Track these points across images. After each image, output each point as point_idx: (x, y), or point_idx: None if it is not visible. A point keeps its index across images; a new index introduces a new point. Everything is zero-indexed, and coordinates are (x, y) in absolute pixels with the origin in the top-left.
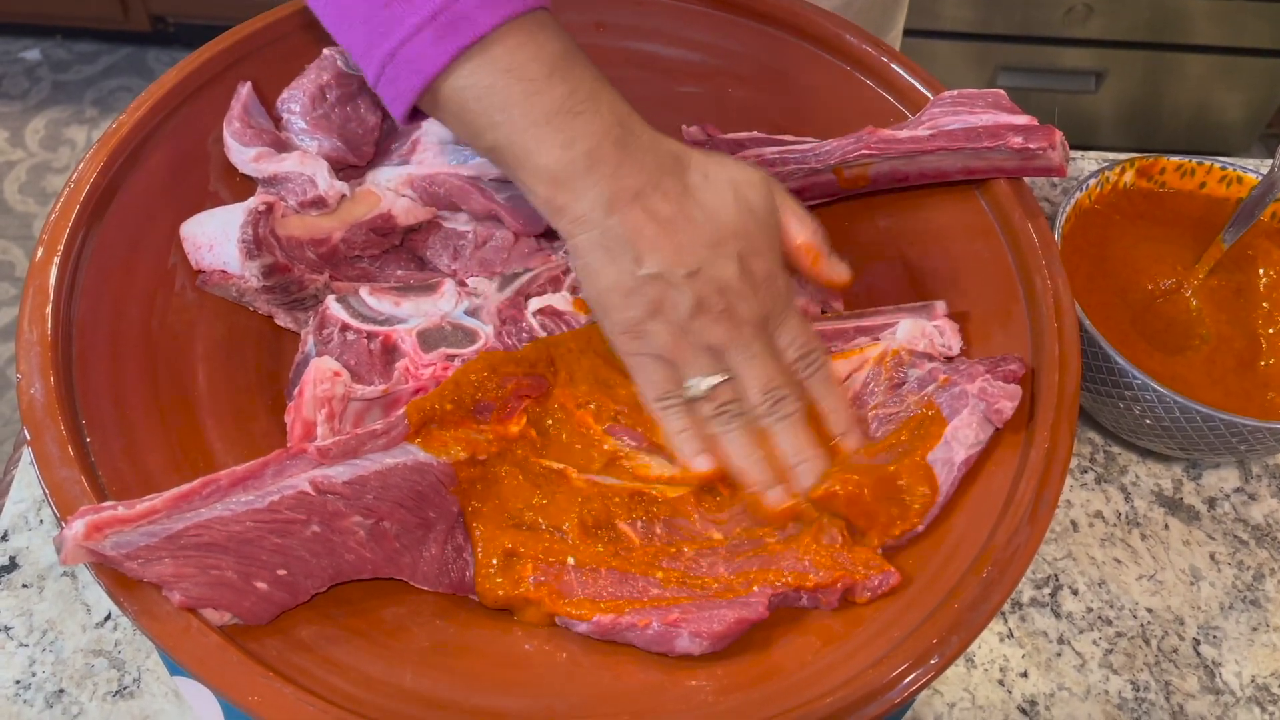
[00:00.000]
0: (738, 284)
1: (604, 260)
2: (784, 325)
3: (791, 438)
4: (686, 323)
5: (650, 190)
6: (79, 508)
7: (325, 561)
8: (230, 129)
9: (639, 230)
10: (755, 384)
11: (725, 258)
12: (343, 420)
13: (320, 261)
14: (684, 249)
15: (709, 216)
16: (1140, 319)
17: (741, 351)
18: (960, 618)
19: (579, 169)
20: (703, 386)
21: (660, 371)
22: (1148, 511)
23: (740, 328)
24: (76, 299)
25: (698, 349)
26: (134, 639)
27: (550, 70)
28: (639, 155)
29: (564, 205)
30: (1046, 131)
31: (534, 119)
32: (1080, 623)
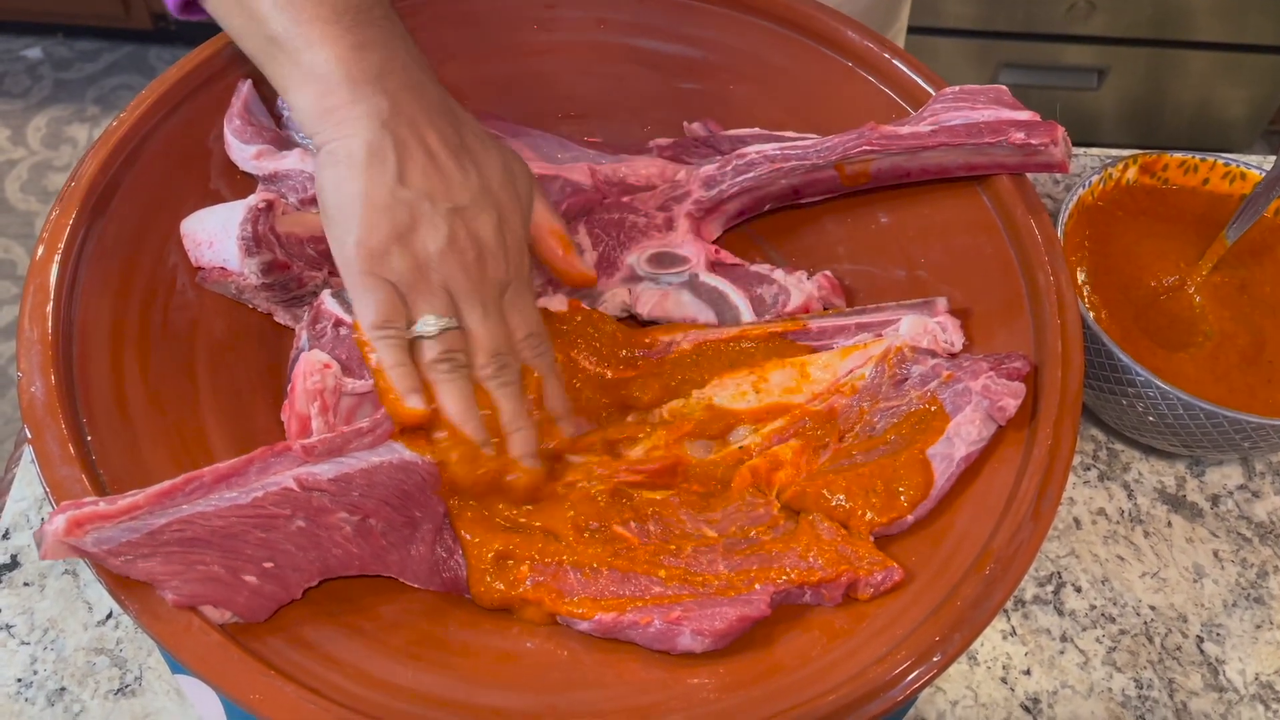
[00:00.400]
0: (492, 240)
1: (361, 168)
2: (520, 300)
3: (512, 403)
4: (433, 257)
5: (428, 124)
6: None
7: (312, 555)
8: (231, 126)
9: (409, 151)
10: (486, 342)
11: (486, 210)
12: (336, 414)
13: (319, 258)
14: (453, 184)
15: (478, 169)
16: (1143, 316)
17: (478, 307)
18: (963, 615)
19: (365, 75)
20: (435, 327)
21: (388, 298)
22: (1151, 509)
23: (484, 284)
24: (77, 297)
25: (436, 287)
26: (135, 637)
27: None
28: (425, 89)
29: (334, 107)
30: (1049, 127)
31: (324, 14)
32: (1083, 620)
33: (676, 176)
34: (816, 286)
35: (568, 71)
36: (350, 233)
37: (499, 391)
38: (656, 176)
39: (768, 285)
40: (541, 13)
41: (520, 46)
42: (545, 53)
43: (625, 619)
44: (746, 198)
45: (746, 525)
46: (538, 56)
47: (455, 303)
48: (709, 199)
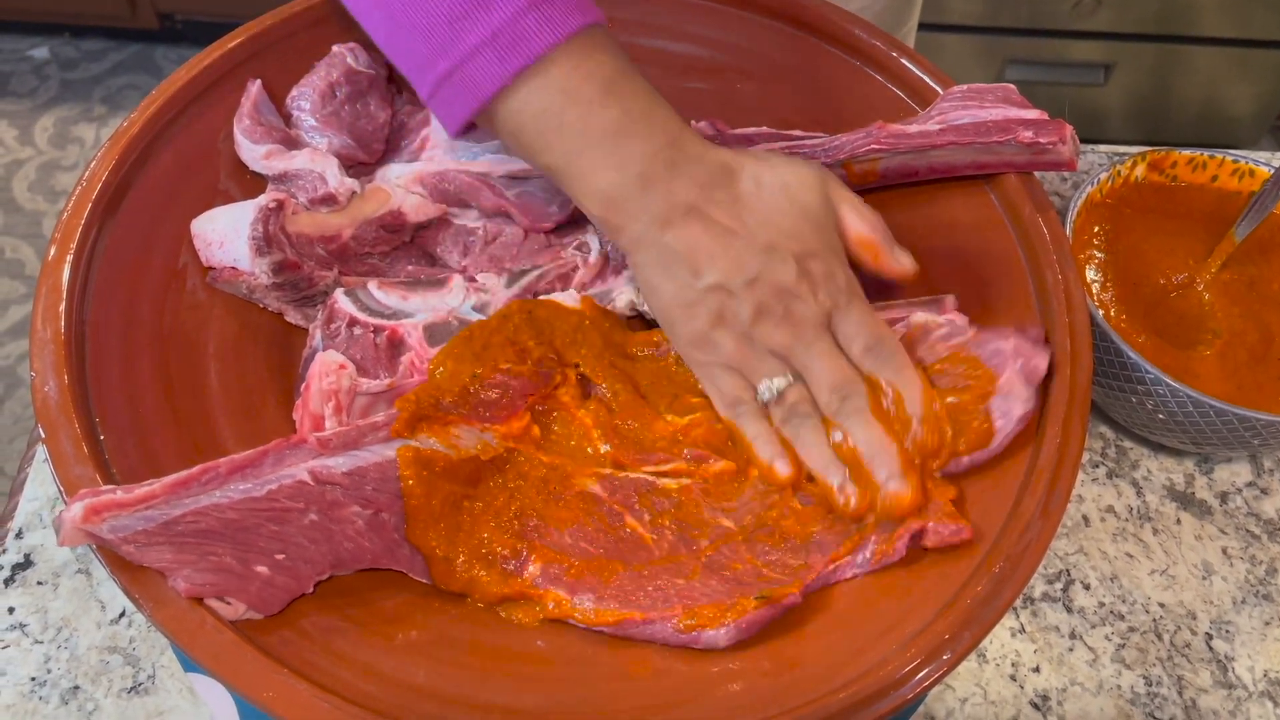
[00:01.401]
0: (795, 286)
1: (663, 277)
2: (847, 319)
3: (863, 430)
4: (749, 329)
5: (703, 203)
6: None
7: (324, 548)
8: (240, 126)
9: (695, 244)
10: (822, 382)
11: (781, 261)
12: (350, 414)
13: (330, 258)
14: (740, 258)
15: (762, 222)
16: (1152, 313)
17: (805, 352)
18: (972, 613)
19: (632, 191)
20: (772, 390)
21: (729, 380)
22: (1160, 506)
23: (802, 329)
24: (89, 297)
25: (762, 354)
26: (149, 635)
27: (605, 91)
28: (690, 170)
29: (620, 226)
30: (1056, 126)
31: (588, 142)
32: (1092, 618)
33: None
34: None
35: None
36: (679, 335)
37: (847, 423)
38: None
39: None
40: None
41: None
42: None
43: (648, 617)
44: None
45: (762, 512)
46: None
47: (785, 359)
48: None
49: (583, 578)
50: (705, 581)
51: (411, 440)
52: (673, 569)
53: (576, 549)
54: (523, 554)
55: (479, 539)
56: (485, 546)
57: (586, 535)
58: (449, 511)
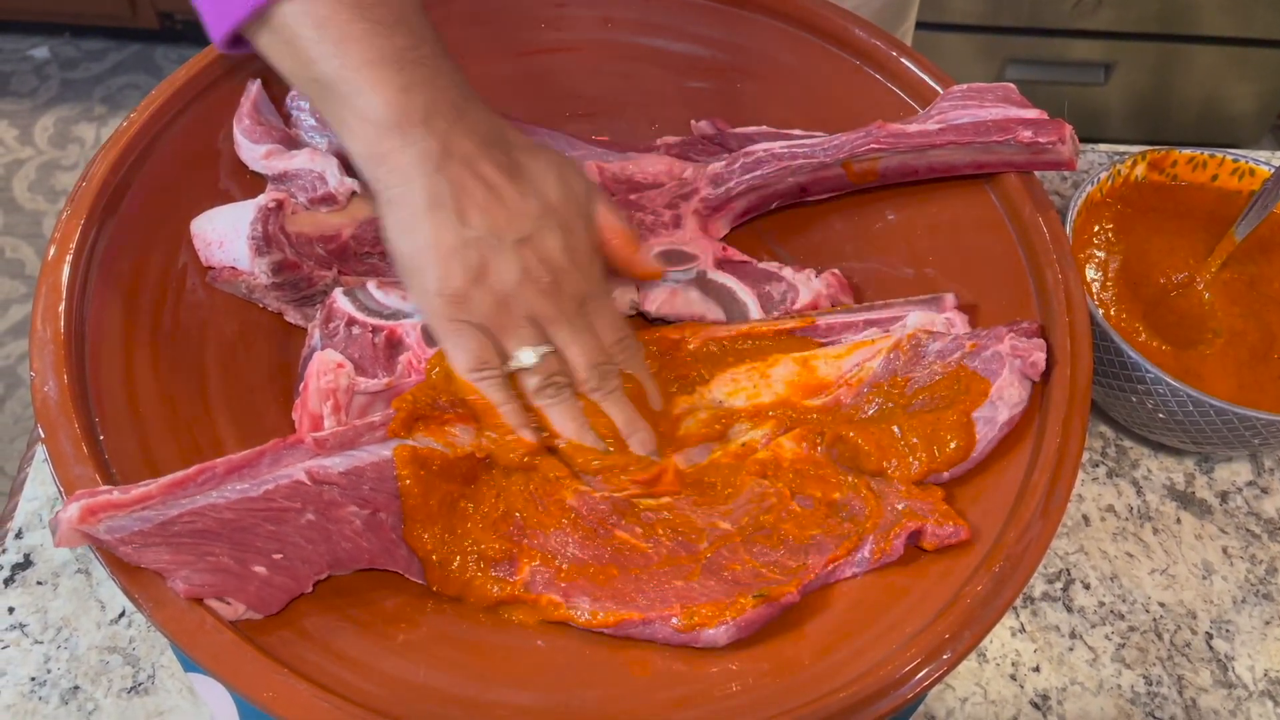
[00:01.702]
0: (562, 259)
1: (424, 216)
2: (603, 308)
3: (621, 409)
4: (511, 291)
5: (480, 157)
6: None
7: (322, 548)
8: (240, 126)
9: (467, 191)
10: (581, 358)
11: (551, 231)
12: (348, 413)
13: (329, 258)
14: (514, 215)
15: (535, 190)
16: (1153, 313)
17: (565, 326)
18: (972, 613)
19: (413, 118)
20: (530, 358)
21: (478, 340)
22: (1160, 506)
23: (564, 302)
24: (89, 297)
25: (521, 319)
26: (148, 635)
27: (398, 18)
28: (473, 121)
29: (387, 153)
30: (1056, 125)
31: (371, 57)
32: (1092, 617)
33: (684, 174)
34: (825, 284)
35: (576, 70)
36: (428, 283)
37: (606, 401)
38: (664, 174)
39: (776, 283)
40: (550, 11)
41: (529, 45)
42: (553, 51)
43: (646, 618)
44: (754, 195)
45: (759, 514)
46: (546, 55)
47: (543, 328)
48: (716, 196)
49: (576, 581)
50: (704, 582)
51: (408, 440)
52: (672, 571)
53: (566, 553)
54: (513, 556)
55: (473, 540)
56: (477, 548)
57: (575, 541)
58: (445, 514)
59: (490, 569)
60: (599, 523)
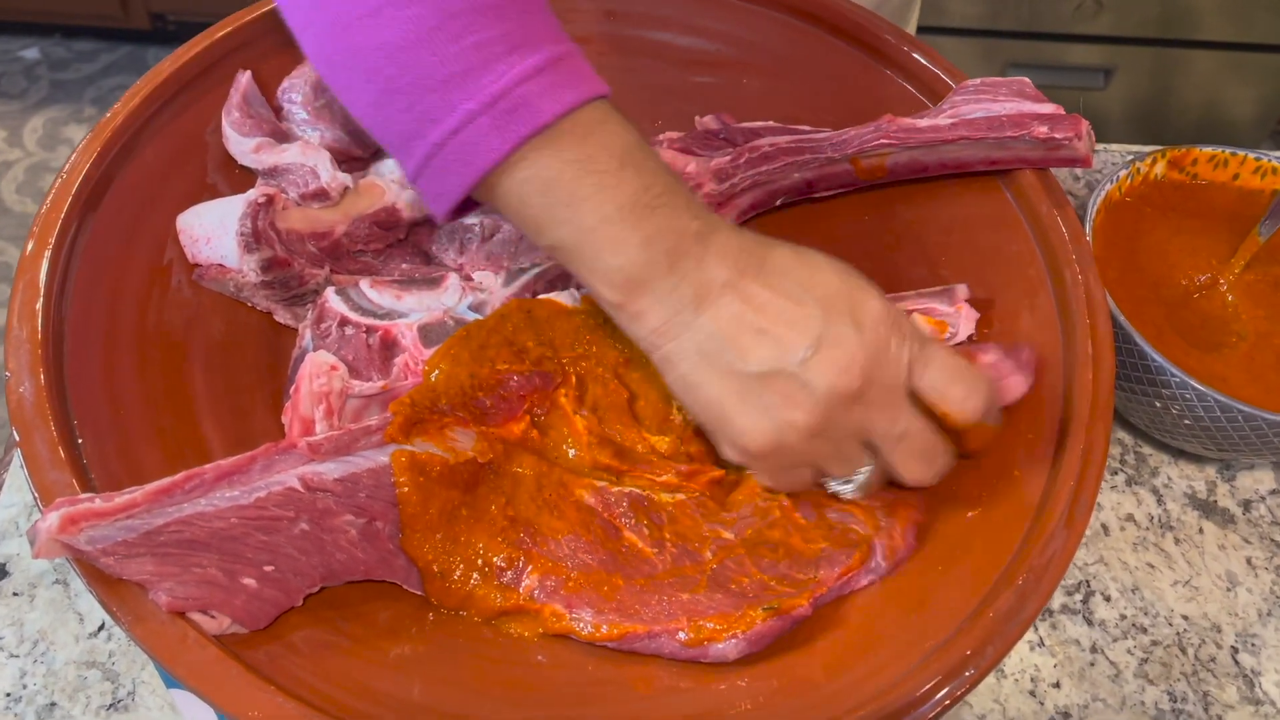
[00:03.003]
0: (866, 348)
1: (703, 368)
2: (930, 366)
3: (928, 466)
4: (826, 414)
5: (739, 278)
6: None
7: (315, 560)
8: (229, 119)
9: (737, 322)
10: (909, 462)
11: (840, 324)
12: (341, 417)
13: (321, 255)
14: (794, 329)
15: (808, 287)
16: (1175, 315)
17: (892, 429)
18: (995, 628)
19: (659, 269)
20: (850, 489)
21: (802, 474)
22: (1181, 515)
23: (887, 399)
24: (68, 294)
25: (840, 442)
26: (129, 650)
27: (622, 163)
28: (722, 244)
29: (641, 312)
30: (1073, 121)
31: (605, 214)
32: (1114, 631)
33: (687, 169)
34: None
35: None
36: (735, 441)
37: (924, 476)
38: None
39: None
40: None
41: None
42: None
43: (652, 631)
44: (759, 191)
45: (763, 527)
46: None
47: (871, 440)
48: (720, 192)
49: (581, 591)
50: (711, 595)
51: (406, 445)
52: (677, 582)
53: (575, 559)
54: (519, 564)
55: (475, 549)
56: (481, 556)
57: (584, 546)
58: (445, 522)
59: (495, 578)
60: (612, 520)
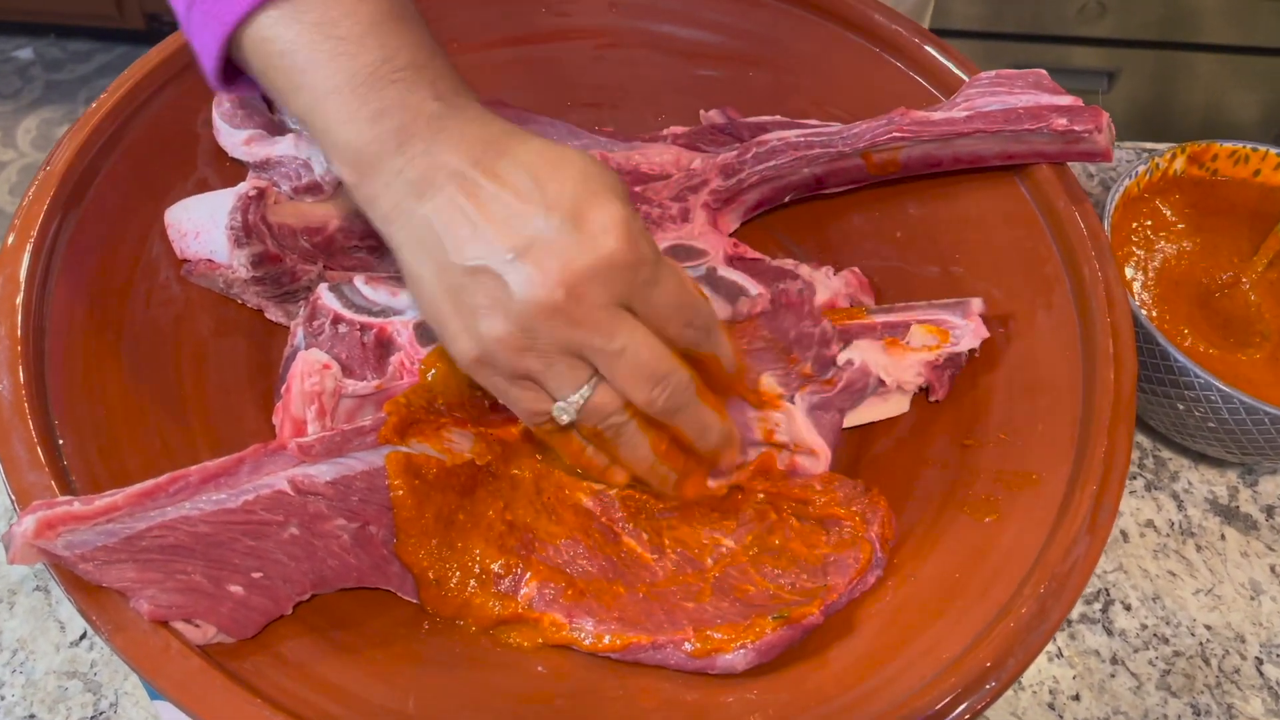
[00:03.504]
0: (582, 254)
1: (423, 260)
2: (659, 289)
3: (694, 420)
4: (526, 324)
5: (470, 167)
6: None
7: (305, 566)
8: (220, 110)
9: (456, 213)
10: (636, 378)
11: (559, 229)
12: (334, 418)
13: (315, 251)
14: (508, 223)
15: (540, 181)
16: (1196, 314)
17: (602, 346)
18: (1017, 638)
19: (386, 148)
20: (571, 410)
21: (525, 394)
22: (1202, 521)
23: (596, 313)
24: (50, 289)
25: (551, 356)
26: (111, 660)
27: (366, 29)
28: (460, 129)
29: (373, 195)
30: (1093, 113)
31: (336, 84)
32: (1135, 641)
33: (692, 165)
34: (844, 283)
35: (579, 57)
36: (450, 344)
37: (675, 419)
38: (671, 165)
39: (791, 280)
40: None
41: (530, 31)
42: (555, 38)
43: (656, 641)
44: (767, 187)
45: (764, 534)
46: (547, 41)
47: (584, 356)
48: (727, 188)
49: (582, 600)
50: (716, 603)
51: (402, 446)
52: (680, 591)
53: (574, 565)
54: (518, 571)
55: (472, 555)
56: (478, 563)
57: (584, 552)
58: (442, 527)
59: (492, 585)
60: (611, 525)
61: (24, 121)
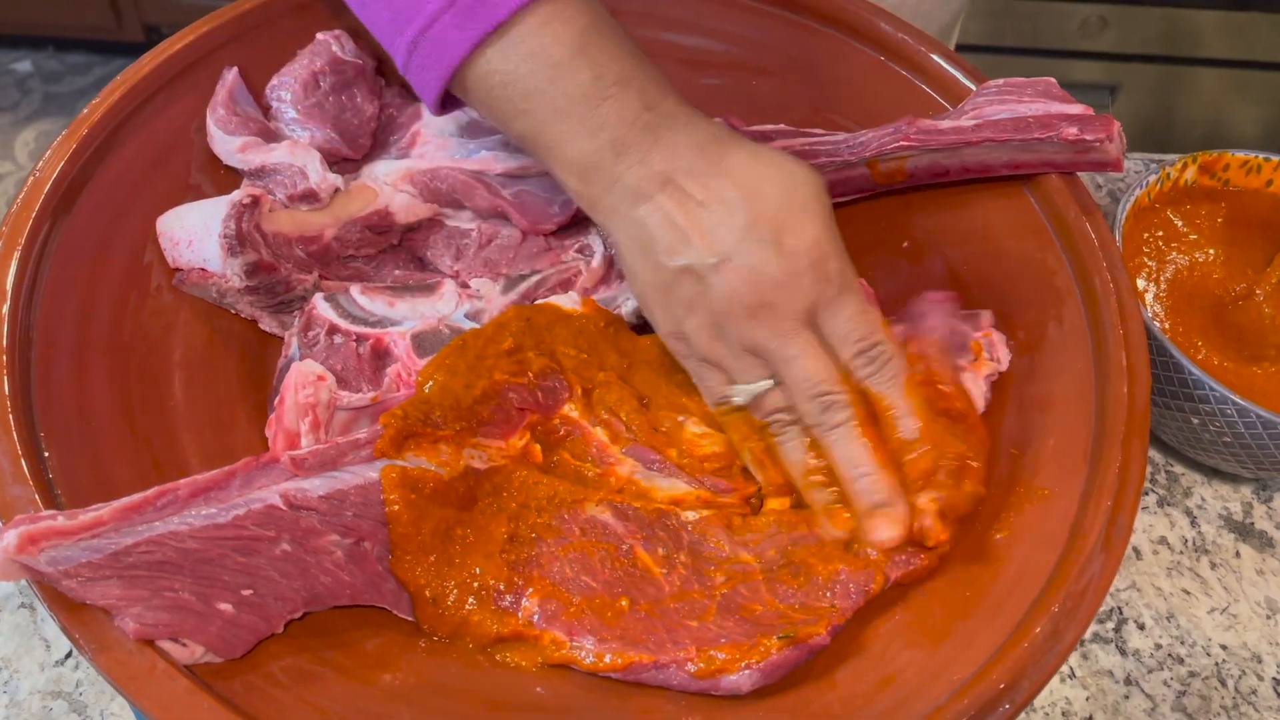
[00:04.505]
0: (774, 269)
1: (638, 257)
2: (837, 313)
3: (845, 448)
4: (719, 320)
5: (681, 174)
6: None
7: (298, 583)
8: (214, 116)
9: (668, 219)
10: (800, 387)
11: (758, 241)
12: (329, 430)
13: (310, 260)
14: (713, 233)
15: (745, 196)
16: (1209, 326)
17: (781, 349)
18: (1030, 658)
19: (605, 159)
20: (747, 394)
21: (712, 376)
22: (1216, 538)
23: (779, 322)
24: (38, 298)
25: (736, 350)
26: (97, 680)
27: (575, 52)
28: (671, 138)
29: (595, 199)
30: (1104, 121)
31: (557, 106)
32: (1149, 661)
33: None
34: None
35: None
36: (657, 323)
37: (827, 438)
38: None
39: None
40: None
41: None
42: None
43: (658, 660)
44: None
45: (789, 547)
46: None
47: (762, 356)
48: None
49: (582, 617)
50: (720, 623)
51: (398, 460)
52: (684, 608)
53: (578, 581)
54: (518, 586)
55: (470, 571)
56: (478, 579)
57: (590, 567)
58: (439, 543)
59: (492, 602)
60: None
61: (22, 134)
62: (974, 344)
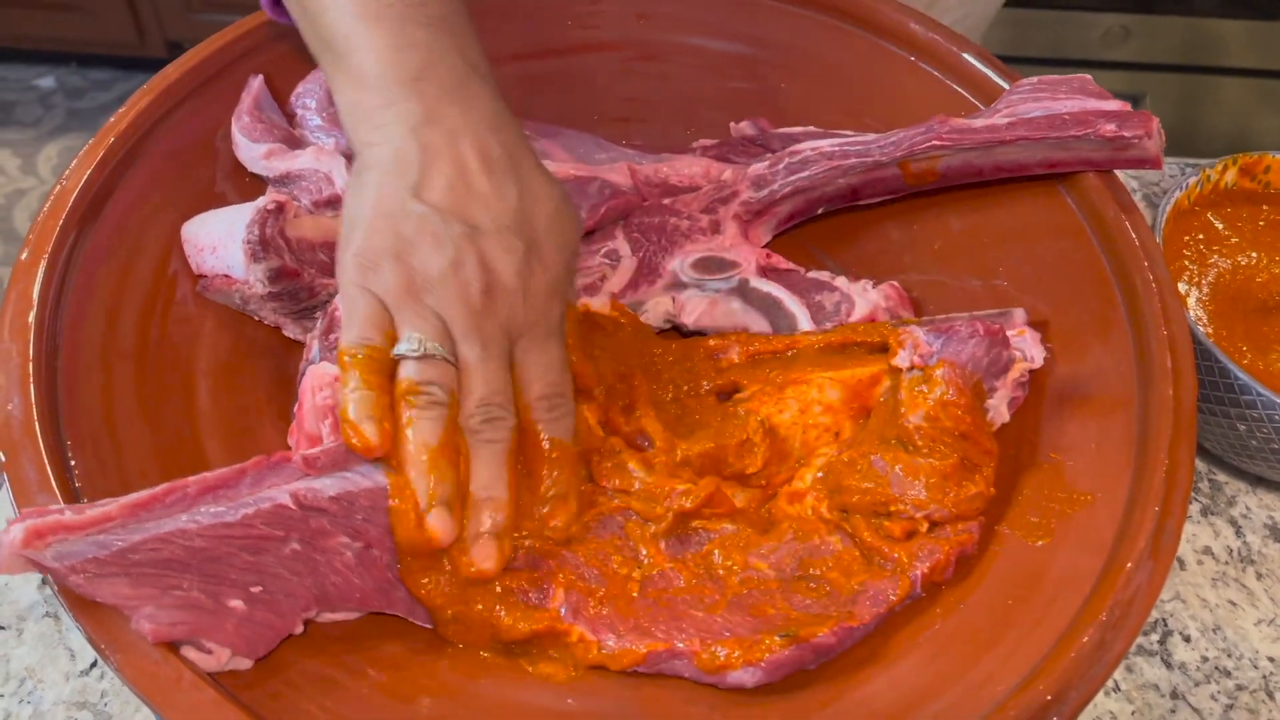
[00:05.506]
0: (508, 275)
1: (380, 178)
2: (539, 353)
3: (489, 466)
4: (430, 278)
5: (467, 135)
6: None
7: (308, 580)
8: (239, 124)
9: (436, 161)
10: (478, 386)
11: (511, 243)
12: None
13: (333, 265)
14: (472, 204)
15: (518, 197)
16: (1254, 331)
17: (476, 344)
18: (1077, 669)
19: (401, 76)
20: (419, 347)
21: (371, 313)
22: (1262, 547)
23: (487, 319)
24: (64, 306)
25: (426, 310)
26: (122, 690)
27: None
28: (472, 98)
29: (370, 110)
30: (1143, 118)
31: (371, 10)
32: (1195, 674)
33: (723, 176)
34: (883, 296)
35: (607, 70)
36: (351, 241)
37: (479, 448)
38: (701, 176)
39: (829, 292)
40: (581, 8)
41: (557, 43)
42: (584, 50)
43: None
44: (800, 199)
45: (806, 557)
46: (575, 54)
47: (450, 334)
48: (759, 200)
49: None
50: (727, 616)
51: None
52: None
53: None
54: (541, 582)
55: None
56: (500, 583)
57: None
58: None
59: (519, 602)
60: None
61: (45, 149)
62: (1016, 362)
